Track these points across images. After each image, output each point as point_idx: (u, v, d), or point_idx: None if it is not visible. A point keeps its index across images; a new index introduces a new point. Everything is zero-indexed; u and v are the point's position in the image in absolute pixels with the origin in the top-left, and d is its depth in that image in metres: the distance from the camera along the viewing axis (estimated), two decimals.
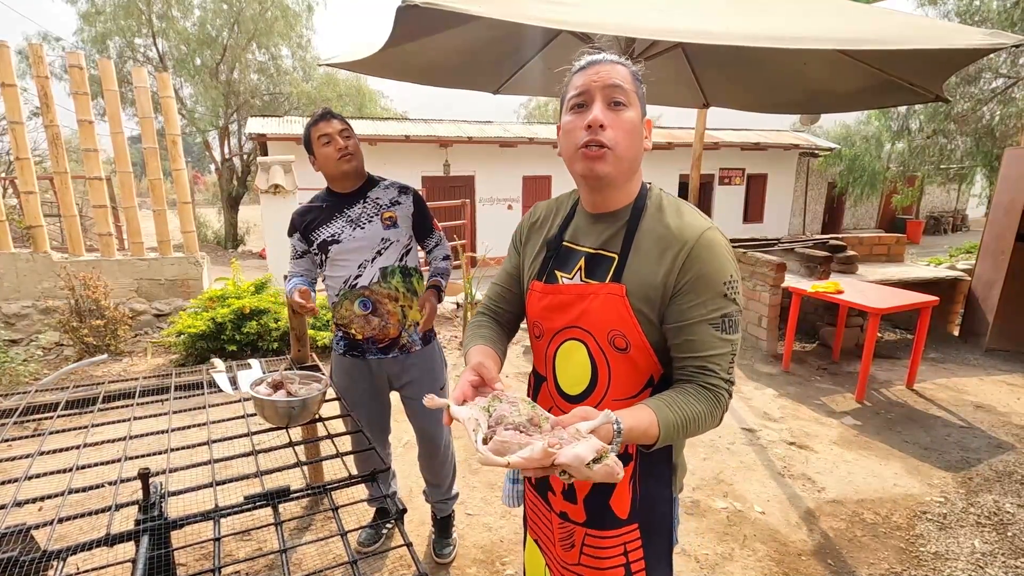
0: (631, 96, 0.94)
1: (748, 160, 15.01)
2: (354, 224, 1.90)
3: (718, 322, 0.92)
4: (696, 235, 0.93)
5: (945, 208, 19.38)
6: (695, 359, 0.93)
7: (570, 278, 1.04)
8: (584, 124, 0.92)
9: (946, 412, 3.73)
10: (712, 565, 2.26)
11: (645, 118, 0.99)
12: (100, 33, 14.15)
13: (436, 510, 2.29)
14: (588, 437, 0.75)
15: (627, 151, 0.94)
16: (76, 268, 4.87)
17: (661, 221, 0.97)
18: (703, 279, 0.92)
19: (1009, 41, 1.32)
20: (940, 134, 11.16)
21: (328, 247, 1.91)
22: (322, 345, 4.60)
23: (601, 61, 0.95)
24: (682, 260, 0.92)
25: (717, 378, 0.93)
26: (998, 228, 4.85)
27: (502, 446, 0.76)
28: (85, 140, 5.29)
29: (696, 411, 0.90)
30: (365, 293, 1.92)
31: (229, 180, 16.28)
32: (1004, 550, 2.36)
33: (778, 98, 2.94)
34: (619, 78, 0.93)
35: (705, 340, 0.92)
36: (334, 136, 1.84)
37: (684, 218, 0.97)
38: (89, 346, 4.41)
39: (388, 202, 1.94)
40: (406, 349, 2.00)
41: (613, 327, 0.97)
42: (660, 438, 0.86)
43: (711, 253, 0.92)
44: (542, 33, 2.74)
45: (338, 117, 1.89)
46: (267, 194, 6.26)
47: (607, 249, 1.01)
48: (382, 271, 1.91)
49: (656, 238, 0.96)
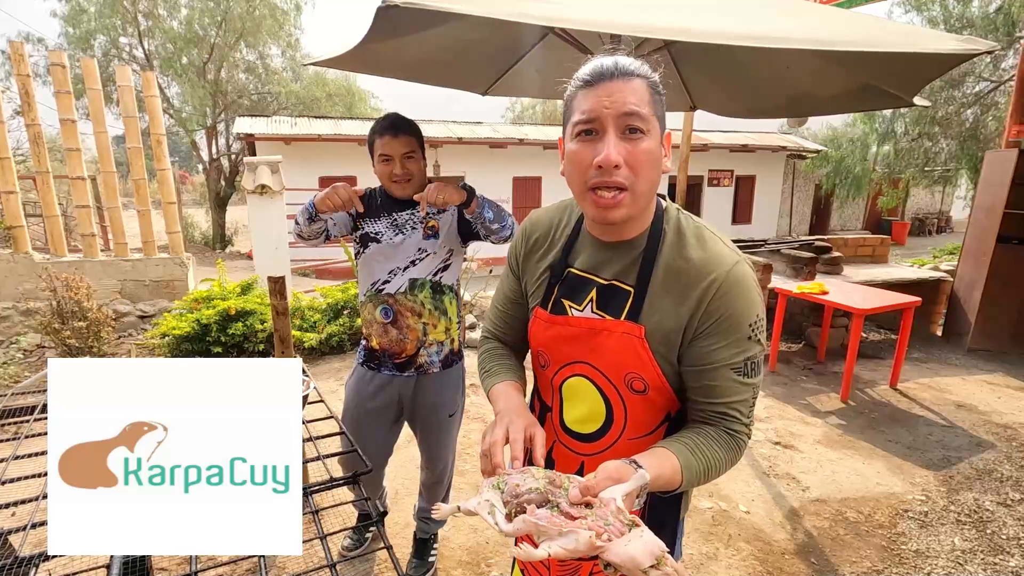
0: (649, 119, 0.80)
1: (737, 162, 15.14)
2: (397, 229, 1.82)
3: (741, 366, 0.85)
4: (724, 272, 0.84)
5: (930, 210, 19.67)
6: (715, 404, 0.87)
7: (580, 310, 0.94)
8: (595, 161, 0.80)
9: (928, 411, 3.78)
10: (697, 565, 2.27)
11: (665, 132, 0.86)
12: (85, 32, 13.98)
13: (418, 529, 2.20)
14: (642, 530, 0.66)
15: (645, 187, 0.83)
16: (58, 269, 4.80)
17: (682, 253, 0.87)
18: (728, 321, 0.84)
19: (982, 47, 1.34)
20: (925, 137, 11.34)
21: (368, 243, 1.84)
22: (308, 347, 4.57)
23: (613, 78, 0.80)
24: (708, 300, 0.83)
25: (739, 424, 0.87)
26: (979, 230, 4.92)
27: (535, 528, 0.67)
28: (68, 139, 5.22)
29: (718, 457, 0.85)
30: (388, 301, 1.84)
31: (217, 180, 16.15)
32: (984, 547, 2.40)
33: (762, 102, 2.97)
34: (635, 101, 0.79)
35: (727, 386, 0.86)
36: (395, 159, 1.74)
37: (708, 250, 0.86)
38: (71, 348, 4.35)
39: (436, 209, 1.81)
40: (423, 370, 1.90)
41: (630, 369, 0.90)
42: (683, 485, 0.82)
43: (738, 292, 0.84)
44: (530, 34, 2.75)
45: (408, 131, 1.74)
46: (254, 194, 6.21)
47: (622, 281, 0.91)
48: (411, 282, 1.82)
49: (677, 272, 0.86)
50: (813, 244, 5.55)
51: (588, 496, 0.72)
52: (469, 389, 4.03)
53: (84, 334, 4.40)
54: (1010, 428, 3.51)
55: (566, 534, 0.64)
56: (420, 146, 1.79)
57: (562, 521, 0.67)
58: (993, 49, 1.38)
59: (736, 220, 15.69)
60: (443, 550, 2.32)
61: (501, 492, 0.76)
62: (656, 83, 0.84)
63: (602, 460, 0.78)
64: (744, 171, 15.40)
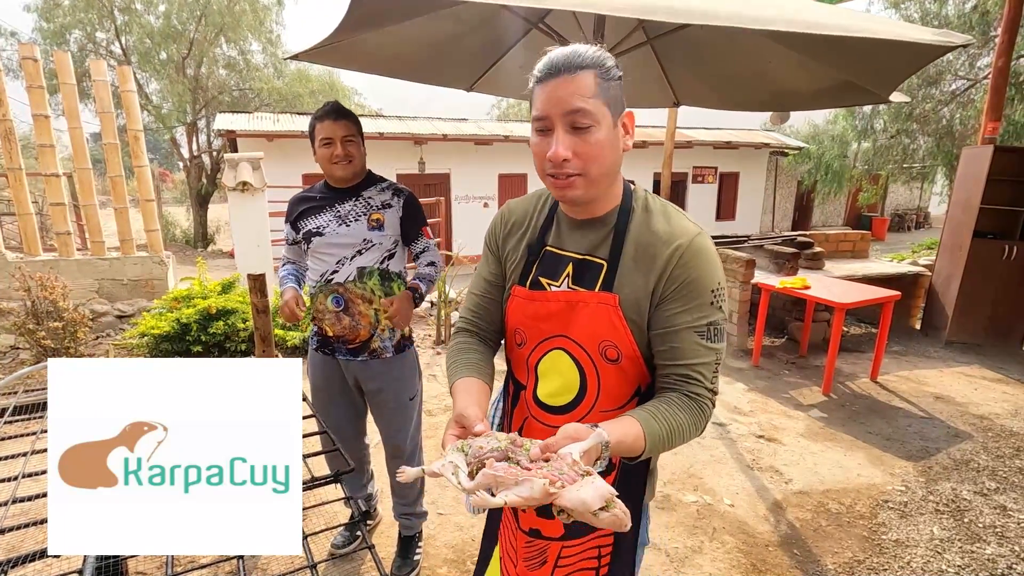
0: (597, 111, 0.85)
1: (720, 159, 15.27)
2: (341, 220, 1.88)
3: (704, 330, 0.90)
4: (687, 241, 0.91)
5: (909, 206, 20.01)
6: (679, 367, 0.91)
7: (557, 285, 0.99)
8: (547, 156, 0.87)
9: (907, 403, 3.84)
10: (682, 558, 2.29)
11: (622, 114, 0.91)
12: (59, 26, 13.66)
13: (400, 527, 2.20)
14: (593, 477, 0.69)
15: (599, 171, 0.89)
16: (33, 268, 4.68)
17: (649, 226, 0.94)
18: (691, 286, 0.90)
19: (958, 41, 1.36)
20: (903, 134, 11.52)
21: (311, 238, 1.90)
22: (291, 345, 4.52)
23: (560, 73, 0.85)
24: (672, 267, 0.90)
25: (701, 387, 0.91)
26: (956, 225, 5.02)
27: (493, 480, 0.69)
28: (41, 136, 5.08)
29: (680, 422, 0.88)
30: (339, 290, 1.90)
31: (198, 178, 15.90)
32: (961, 536, 2.44)
33: (744, 96, 2.99)
34: (580, 97, 0.84)
35: (690, 348, 0.90)
36: (335, 141, 1.80)
37: (673, 223, 0.94)
38: (47, 349, 4.25)
39: (379, 203, 1.90)
40: (376, 354, 1.96)
41: (605, 338, 0.94)
42: (646, 450, 0.84)
43: (700, 259, 0.90)
44: (513, 29, 2.73)
45: (347, 117, 1.83)
46: (235, 192, 6.12)
47: (595, 255, 0.97)
48: (359, 270, 1.89)
49: (646, 244, 0.93)
50: (795, 240, 5.62)
51: (547, 453, 0.75)
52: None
53: (60, 335, 4.30)
54: (986, 419, 3.58)
55: (522, 483, 0.67)
56: (359, 133, 1.86)
57: (519, 472, 0.69)
58: (968, 43, 1.39)
59: (720, 217, 15.82)
60: (428, 548, 2.30)
61: (465, 455, 0.78)
62: (607, 69, 0.87)
63: None
64: (728, 168, 15.53)
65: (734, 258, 4.78)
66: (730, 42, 2.48)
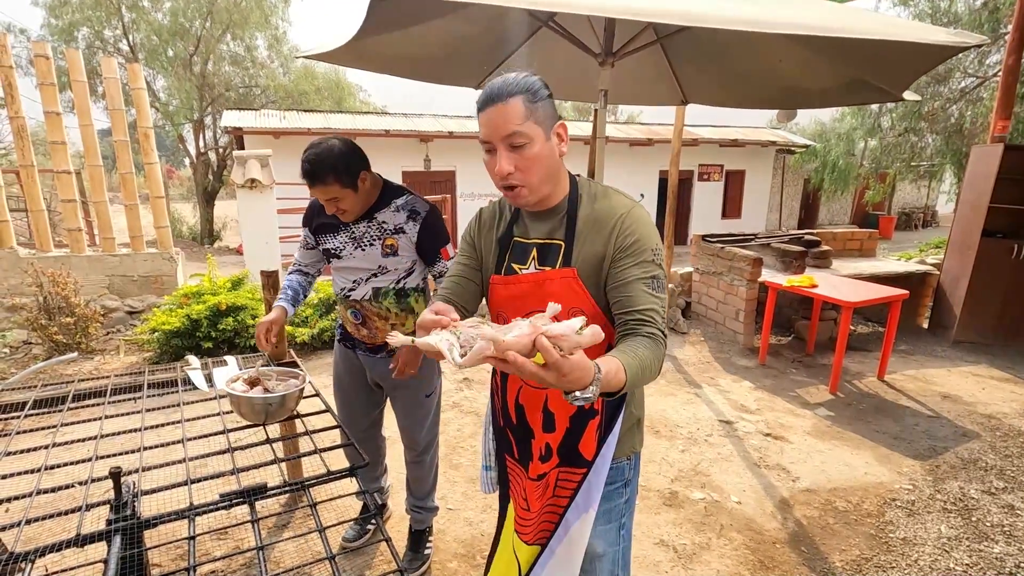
0: (530, 130, 1.03)
1: (726, 157, 15.19)
2: (356, 243, 1.86)
3: (649, 281, 1.08)
4: (626, 211, 1.12)
5: (916, 204, 19.88)
6: (634, 312, 1.06)
7: (526, 268, 1.18)
8: (495, 170, 1.06)
9: (915, 402, 3.84)
10: (689, 555, 2.30)
11: (555, 125, 1.08)
12: (68, 24, 13.72)
13: (412, 521, 2.23)
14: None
15: (539, 179, 1.08)
16: (44, 264, 4.73)
17: (594, 206, 1.14)
18: (636, 245, 1.09)
19: (972, 41, 1.36)
20: (911, 132, 11.44)
21: (331, 258, 1.94)
22: (300, 342, 4.55)
23: (494, 102, 1.02)
24: (617, 231, 1.09)
25: (655, 327, 1.05)
26: (965, 224, 4.99)
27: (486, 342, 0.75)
28: (52, 132, 5.13)
29: (647, 356, 0.99)
30: (356, 306, 1.93)
31: (204, 175, 15.96)
32: (969, 535, 2.45)
33: (754, 94, 2.99)
34: (514, 122, 1.02)
35: (641, 296, 1.06)
36: (323, 202, 1.75)
37: (612, 200, 1.15)
38: (59, 344, 4.30)
39: (393, 228, 1.82)
40: (395, 352, 1.96)
41: (571, 305, 1.11)
42: (627, 382, 0.92)
43: (639, 224, 1.10)
44: (522, 27, 2.74)
45: (323, 180, 1.66)
46: (243, 189, 6.15)
47: (554, 238, 1.16)
48: (375, 291, 1.89)
49: (594, 221, 1.13)
50: (802, 238, 5.61)
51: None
52: (462, 383, 4.04)
53: (72, 330, 4.35)
54: (994, 418, 3.58)
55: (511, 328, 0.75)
56: (340, 181, 1.69)
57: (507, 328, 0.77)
58: (983, 43, 1.39)
59: (726, 215, 15.75)
60: (438, 543, 2.33)
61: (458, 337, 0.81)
62: (534, 92, 1.04)
63: None
64: (734, 166, 15.46)
65: (741, 256, 4.78)
66: (741, 41, 2.49)
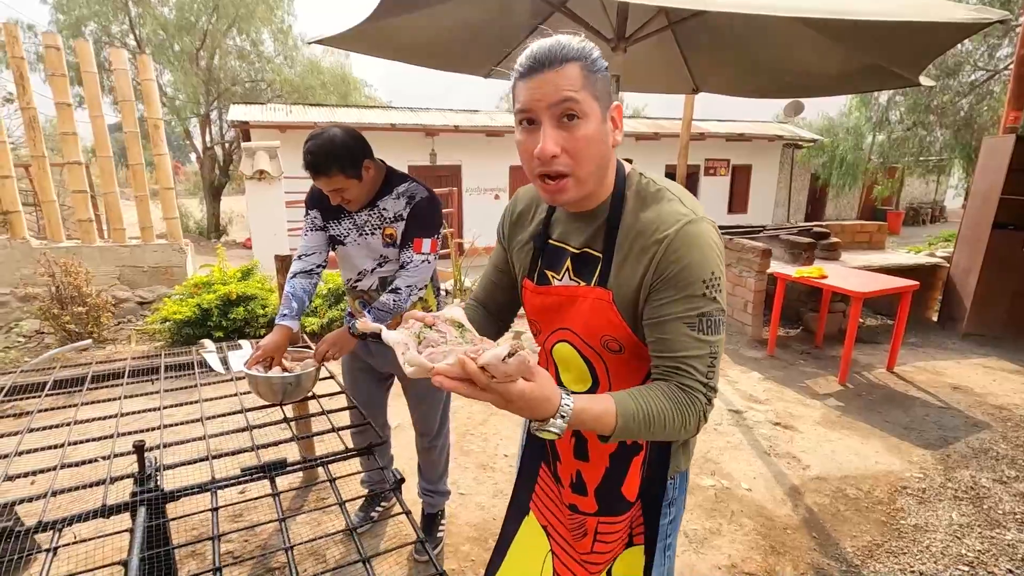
0: (585, 102, 0.80)
1: (733, 151, 15.13)
2: (359, 230, 1.83)
3: (694, 321, 0.85)
4: (674, 229, 0.85)
5: (924, 199, 19.75)
6: (668, 359, 0.86)
7: (559, 279, 0.99)
8: (534, 153, 0.82)
9: (925, 393, 3.83)
10: (701, 540, 2.31)
11: (611, 107, 0.86)
12: (75, 19, 13.78)
13: (424, 504, 2.25)
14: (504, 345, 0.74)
15: (589, 169, 0.85)
16: (56, 255, 4.77)
17: (640, 215, 0.90)
18: (680, 276, 0.84)
19: (994, 16, 1.35)
20: (920, 126, 11.37)
21: (336, 244, 1.90)
22: (310, 332, 4.57)
23: (544, 68, 0.80)
24: (659, 256, 0.85)
25: (693, 380, 0.85)
26: (976, 216, 4.96)
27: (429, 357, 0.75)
28: (63, 123, 5.16)
29: (662, 407, 0.83)
30: (363, 296, 1.92)
31: (211, 169, 16.02)
32: (980, 522, 2.44)
33: (767, 81, 2.97)
34: (568, 87, 0.79)
35: (679, 340, 0.85)
36: (328, 193, 1.71)
37: (662, 209, 0.88)
38: (71, 333, 4.34)
39: (392, 216, 1.78)
40: None
41: (605, 332, 0.93)
42: (617, 427, 0.80)
43: (689, 247, 0.84)
44: (532, 12, 2.74)
45: (326, 173, 1.62)
46: (252, 180, 6.18)
47: (592, 248, 0.95)
48: (381, 280, 1.88)
49: (636, 235, 0.89)
50: (811, 230, 5.59)
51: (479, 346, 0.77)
52: None
53: (84, 319, 4.38)
54: (1005, 409, 3.57)
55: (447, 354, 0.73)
56: (344, 171, 1.65)
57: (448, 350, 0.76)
58: (1005, 18, 1.38)
59: (732, 210, 15.70)
60: (451, 527, 2.34)
61: (419, 342, 0.80)
62: (593, 61, 0.82)
63: None
64: (740, 160, 15.39)
65: (750, 247, 4.77)
66: (755, 27, 2.47)
